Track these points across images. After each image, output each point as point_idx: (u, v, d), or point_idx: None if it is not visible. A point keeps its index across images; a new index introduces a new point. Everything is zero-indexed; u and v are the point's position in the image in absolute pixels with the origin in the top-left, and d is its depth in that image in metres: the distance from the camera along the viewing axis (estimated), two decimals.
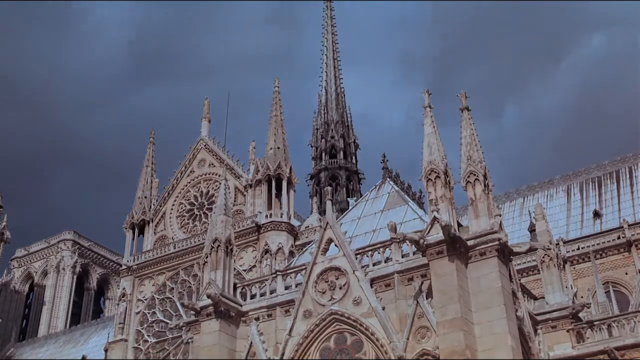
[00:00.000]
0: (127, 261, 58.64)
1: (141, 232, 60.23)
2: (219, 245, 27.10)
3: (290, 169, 56.08)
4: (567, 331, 25.83)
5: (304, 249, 35.00)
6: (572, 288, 30.30)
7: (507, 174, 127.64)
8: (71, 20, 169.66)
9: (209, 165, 60.13)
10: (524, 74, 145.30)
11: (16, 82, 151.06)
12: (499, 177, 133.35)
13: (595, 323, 26.22)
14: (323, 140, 73.55)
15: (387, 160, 31.71)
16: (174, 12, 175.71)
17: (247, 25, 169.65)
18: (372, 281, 23.58)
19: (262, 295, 26.27)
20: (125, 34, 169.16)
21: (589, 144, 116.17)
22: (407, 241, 23.18)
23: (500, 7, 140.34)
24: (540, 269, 27.99)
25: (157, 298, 56.52)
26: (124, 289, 57.68)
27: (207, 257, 27.25)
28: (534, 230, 33.93)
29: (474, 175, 23.58)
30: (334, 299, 23.90)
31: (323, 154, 72.66)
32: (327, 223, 25.44)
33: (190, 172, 60.72)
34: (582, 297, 37.79)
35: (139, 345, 55.44)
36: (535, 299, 27.48)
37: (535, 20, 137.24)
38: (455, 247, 21.75)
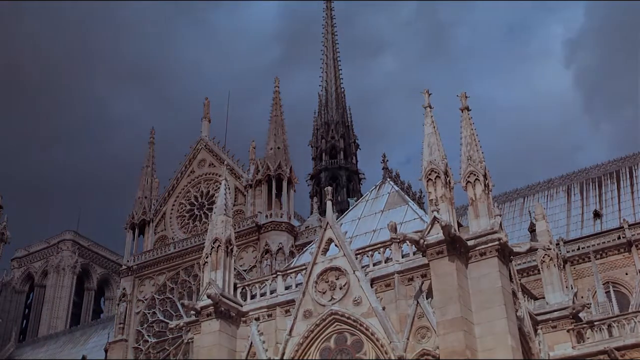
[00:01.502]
0: (127, 261, 58.63)
1: (141, 232, 60.19)
2: (219, 245, 27.08)
3: (291, 169, 56.06)
4: (567, 331, 25.81)
5: (304, 249, 34.96)
6: (572, 288, 30.23)
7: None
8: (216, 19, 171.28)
9: (209, 165, 60.10)
10: None
11: (150, 78, 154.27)
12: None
13: (596, 323, 26.19)
14: (323, 140, 73.40)
15: (387, 160, 31.71)
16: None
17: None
18: (372, 281, 23.59)
19: (262, 295, 26.28)
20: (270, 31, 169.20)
21: None
22: (407, 241, 23.17)
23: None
24: (541, 269, 27.99)
25: (157, 298, 56.50)
26: (124, 289, 57.64)
27: (207, 257, 27.22)
28: (534, 230, 33.94)
29: (474, 175, 23.60)
30: (334, 299, 23.91)
31: (323, 154, 72.51)
32: (327, 223, 25.45)
33: (191, 172, 60.70)
34: (582, 297, 37.80)
35: (139, 345, 55.43)
36: (536, 299, 27.48)
37: None
38: (455, 247, 21.74)
